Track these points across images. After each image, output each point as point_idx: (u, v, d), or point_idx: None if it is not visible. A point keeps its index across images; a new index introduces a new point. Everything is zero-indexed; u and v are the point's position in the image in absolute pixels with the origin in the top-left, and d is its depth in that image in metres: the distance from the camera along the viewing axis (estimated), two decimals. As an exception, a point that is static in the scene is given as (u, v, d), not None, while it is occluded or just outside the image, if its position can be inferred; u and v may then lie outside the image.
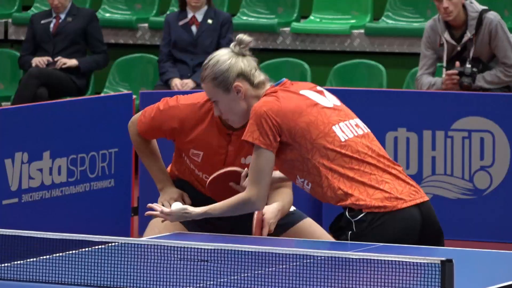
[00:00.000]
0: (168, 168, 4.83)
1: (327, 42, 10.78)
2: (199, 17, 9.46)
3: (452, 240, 6.32)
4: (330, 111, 3.87)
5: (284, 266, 3.68)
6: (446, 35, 8.38)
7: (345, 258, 3.44)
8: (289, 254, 3.57)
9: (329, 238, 4.62)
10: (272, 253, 3.55)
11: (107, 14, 11.22)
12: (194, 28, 9.49)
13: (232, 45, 4.00)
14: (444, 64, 8.55)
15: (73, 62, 9.79)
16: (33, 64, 9.81)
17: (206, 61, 4.02)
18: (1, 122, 7.49)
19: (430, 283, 3.11)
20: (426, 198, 3.80)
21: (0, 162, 7.48)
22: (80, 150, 7.95)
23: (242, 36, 4.03)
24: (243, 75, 3.89)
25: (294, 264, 3.62)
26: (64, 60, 9.86)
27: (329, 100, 3.92)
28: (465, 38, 8.35)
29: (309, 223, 4.76)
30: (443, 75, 8.60)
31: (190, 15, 9.47)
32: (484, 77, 8.49)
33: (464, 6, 8.36)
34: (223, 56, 3.96)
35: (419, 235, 3.82)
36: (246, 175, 4.22)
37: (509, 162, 7.98)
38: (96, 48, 9.97)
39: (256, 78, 3.84)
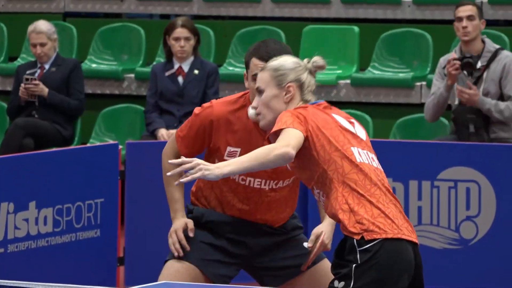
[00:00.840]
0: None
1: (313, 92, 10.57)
2: (186, 67, 9.52)
3: (437, 288, 6.74)
4: (352, 137, 3.92)
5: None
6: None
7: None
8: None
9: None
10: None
11: (93, 65, 11.27)
12: (180, 79, 9.54)
13: (306, 59, 4.04)
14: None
15: (45, 90, 9.74)
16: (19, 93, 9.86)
17: (276, 57, 4.07)
18: (-14, 172, 7.77)
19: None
20: (418, 242, 3.87)
21: (-14, 212, 7.68)
22: (66, 200, 7.95)
23: (319, 58, 4.05)
24: (300, 84, 3.93)
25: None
26: (40, 86, 9.82)
27: (356, 130, 3.97)
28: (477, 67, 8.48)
29: (327, 265, 4.69)
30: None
31: (176, 66, 9.52)
32: (498, 104, 8.47)
33: (483, 41, 8.54)
34: (294, 59, 4.01)
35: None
36: None
37: (495, 212, 8.01)
38: (73, 95, 9.96)
39: (307, 95, 3.88)
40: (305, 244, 4.66)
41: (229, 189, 4.66)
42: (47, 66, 10.12)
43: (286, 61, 3.84)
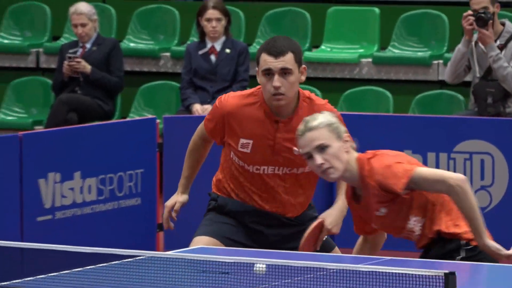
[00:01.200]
0: (213, 187, 4.83)
1: (337, 70, 10.84)
2: (218, 47, 9.55)
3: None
4: None
5: (299, 278, 3.76)
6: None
7: (355, 270, 3.49)
8: (303, 267, 3.60)
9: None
10: (288, 266, 3.61)
11: (132, 44, 11.24)
12: (213, 57, 9.57)
13: None
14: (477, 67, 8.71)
15: (87, 67, 9.80)
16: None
17: (308, 118, 4.04)
18: (34, 144, 7.59)
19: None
20: None
21: (35, 182, 7.54)
22: (109, 170, 8.05)
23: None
24: (347, 135, 4.03)
25: (308, 276, 3.73)
26: (82, 63, 9.89)
27: None
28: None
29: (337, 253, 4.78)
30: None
31: (209, 45, 9.54)
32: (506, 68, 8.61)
33: (502, 23, 8.73)
34: (329, 115, 4.08)
35: None
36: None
37: (507, 182, 8.04)
38: (113, 73, 10.03)
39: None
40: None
41: (246, 179, 4.65)
42: (88, 45, 10.14)
43: (328, 115, 3.93)
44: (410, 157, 4.31)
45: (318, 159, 3.87)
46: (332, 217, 4.58)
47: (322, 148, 3.80)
